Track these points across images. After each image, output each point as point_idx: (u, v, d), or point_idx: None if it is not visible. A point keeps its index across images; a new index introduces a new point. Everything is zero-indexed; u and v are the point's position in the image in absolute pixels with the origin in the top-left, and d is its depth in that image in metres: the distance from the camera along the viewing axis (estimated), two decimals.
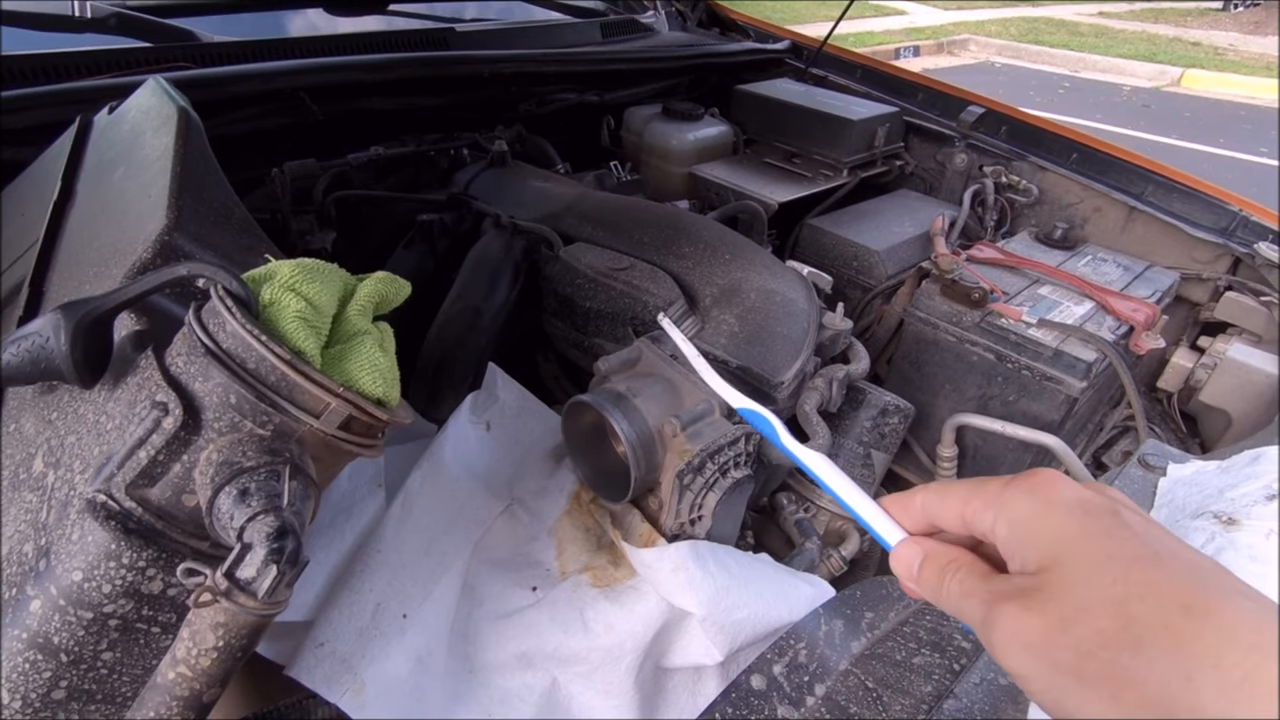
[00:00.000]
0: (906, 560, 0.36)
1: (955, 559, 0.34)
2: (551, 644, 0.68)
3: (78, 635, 0.39)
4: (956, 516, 0.34)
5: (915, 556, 0.35)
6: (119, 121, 0.75)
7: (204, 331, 0.42)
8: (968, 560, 0.34)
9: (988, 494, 0.33)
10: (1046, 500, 0.31)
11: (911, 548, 0.36)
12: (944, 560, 0.34)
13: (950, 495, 0.35)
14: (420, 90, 1.26)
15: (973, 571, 0.33)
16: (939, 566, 0.34)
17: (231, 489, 0.38)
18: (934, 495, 0.36)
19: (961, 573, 0.33)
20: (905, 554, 0.36)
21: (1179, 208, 1.27)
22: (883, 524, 0.37)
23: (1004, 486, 0.32)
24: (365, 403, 0.44)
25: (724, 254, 0.95)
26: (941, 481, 0.35)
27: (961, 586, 0.32)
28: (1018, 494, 0.32)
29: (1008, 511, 0.32)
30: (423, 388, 0.91)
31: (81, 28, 1.05)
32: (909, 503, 0.37)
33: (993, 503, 0.32)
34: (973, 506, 0.33)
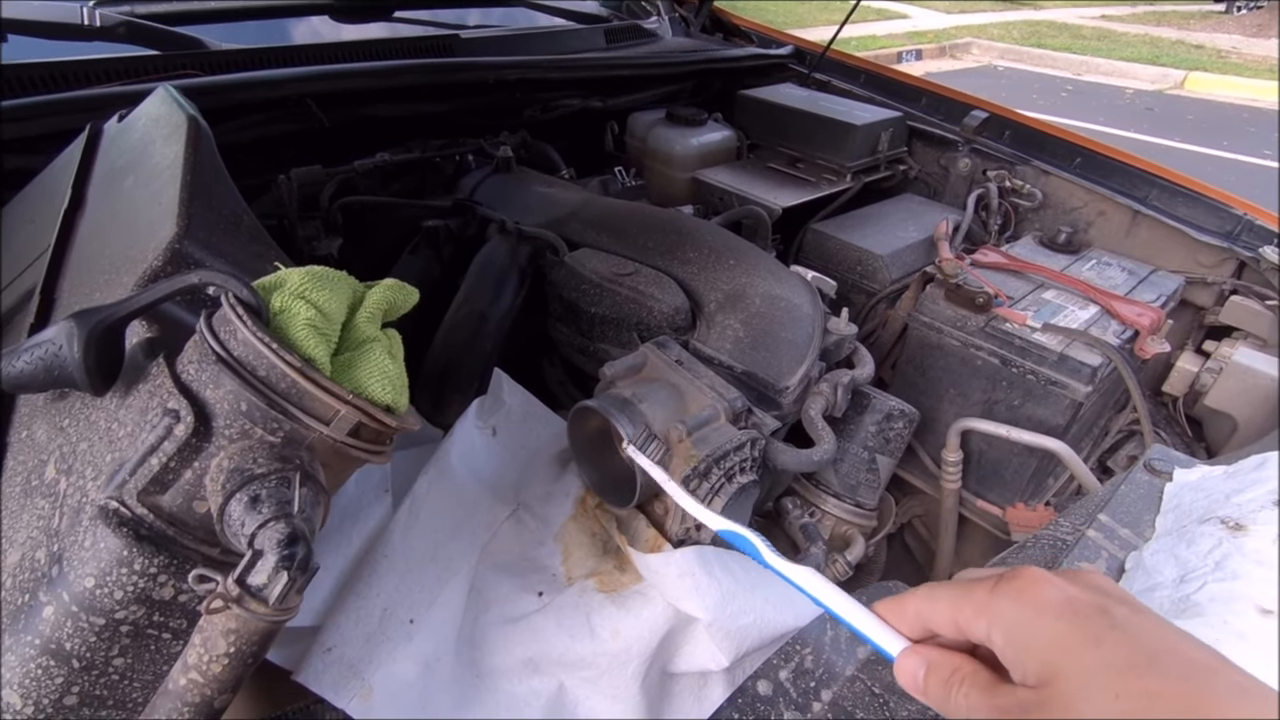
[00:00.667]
0: (910, 671, 0.35)
1: (958, 669, 0.33)
2: (558, 649, 0.68)
3: (90, 641, 0.39)
4: (949, 623, 0.34)
5: (919, 667, 0.35)
6: (129, 130, 0.76)
7: (215, 339, 0.42)
8: (969, 670, 0.33)
9: (976, 601, 0.33)
10: (1035, 606, 0.31)
11: (913, 658, 0.35)
12: (947, 671, 0.34)
13: (940, 601, 0.35)
14: (426, 97, 1.27)
15: (975, 683, 0.33)
16: (942, 678, 0.34)
17: (242, 496, 0.39)
18: (925, 601, 0.35)
19: (965, 685, 0.33)
20: (908, 665, 0.35)
21: (1183, 212, 1.27)
22: (881, 634, 0.37)
23: (991, 593, 0.32)
24: (374, 409, 0.45)
25: (728, 259, 0.95)
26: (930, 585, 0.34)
27: (968, 700, 0.32)
28: (1005, 601, 0.32)
29: (999, 621, 0.32)
30: (429, 393, 0.91)
31: (90, 36, 1.06)
32: (903, 608, 0.36)
33: (983, 610, 0.32)
34: (964, 614, 0.33)
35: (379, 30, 1.38)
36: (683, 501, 0.56)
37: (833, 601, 0.39)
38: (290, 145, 1.14)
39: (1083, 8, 11.19)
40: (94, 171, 0.72)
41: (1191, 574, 0.59)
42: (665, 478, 0.61)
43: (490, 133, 1.36)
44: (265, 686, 0.62)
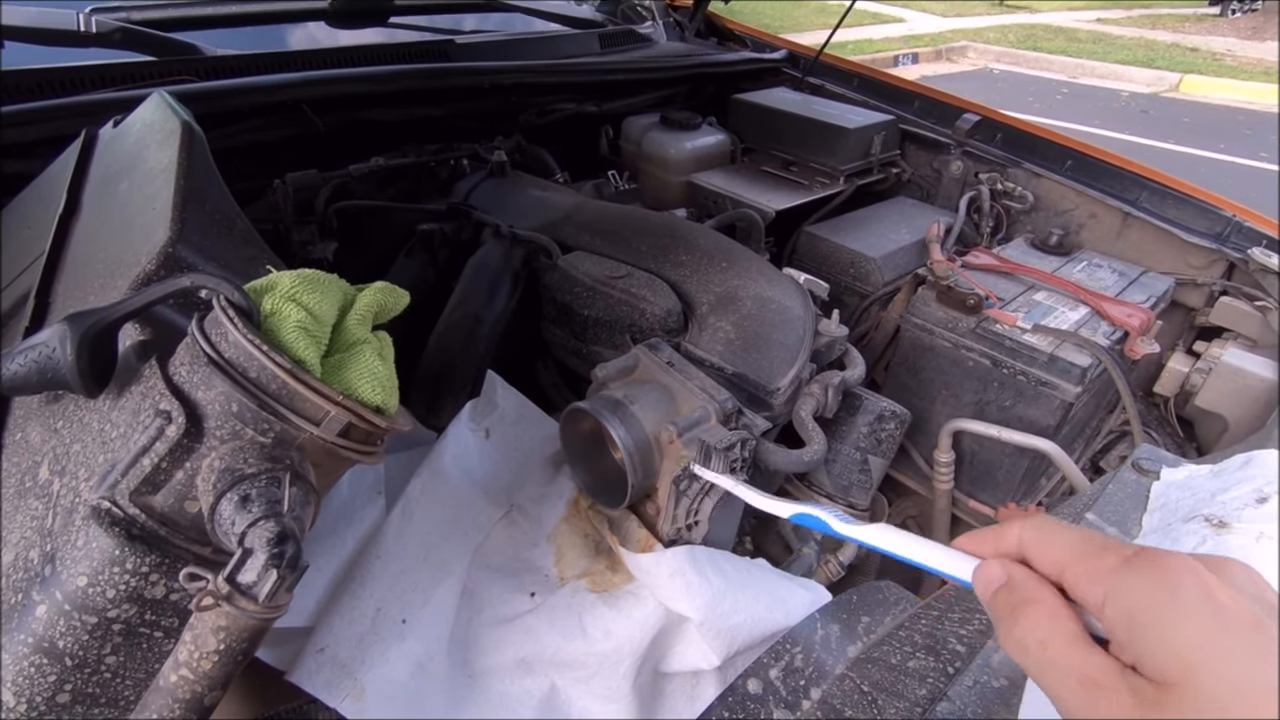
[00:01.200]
0: (986, 579, 0.33)
1: (1042, 601, 0.30)
2: (550, 649, 0.68)
3: (82, 640, 0.39)
4: (1054, 567, 0.31)
5: (996, 580, 0.32)
6: (124, 135, 0.77)
7: (206, 341, 0.42)
8: (1050, 608, 0.30)
9: (1100, 565, 0.29)
10: (1176, 598, 0.27)
11: (996, 569, 0.33)
12: (1021, 598, 0.31)
13: (1053, 544, 0.31)
14: (421, 101, 1.28)
15: (1059, 628, 0.29)
16: (1015, 602, 0.31)
17: (233, 495, 0.39)
18: (1034, 533, 0.32)
19: (1041, 627, 0.30)
20: (989, 573, 0.33)
21: (1173, 213, 1.28)
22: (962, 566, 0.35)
23: (1123, 564, 0.29)
24: (364, 410, 0.45)
25: (720, 261, 0.96)
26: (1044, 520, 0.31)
27: (1044, 650, 0.29)
28: (1140, 580, 0.28)
29: (1125, 596, 0.28)
30: (423, 395, 0.92)
31: (87, 42, 1.06)
32: (1004, 533, 0.33)
33: (1105, 578, 0.29)
34: (1080, 571, 0.30)
35: (375, 36, 1.38)
36: (753, 500, 0.58)
37: (909, 550, 0.37)
38: (286, 150, 1.15)
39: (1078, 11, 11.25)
40: (89, 176, 0.73)
41: None
42: (733, 484, 0.63)
43: (485, 137, 1.37)
44: (258, 686, 0.63)
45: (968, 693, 0.57)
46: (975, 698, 0.57)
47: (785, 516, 0.50)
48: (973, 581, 0.34)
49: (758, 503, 0.57)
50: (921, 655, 0.63)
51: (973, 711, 0.56)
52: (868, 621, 0.71)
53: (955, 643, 0.64)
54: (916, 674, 0.62)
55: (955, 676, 0.60)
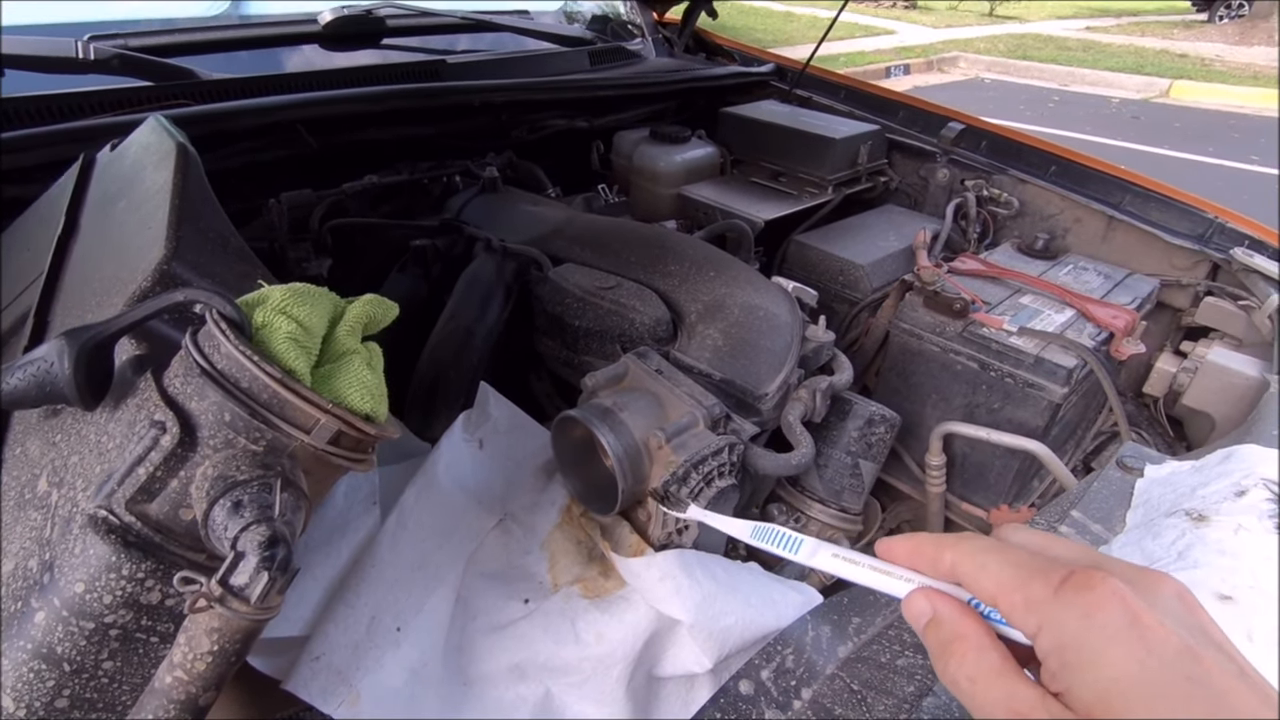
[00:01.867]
0: (914, 614, 0.33)
1: (965, 637, 0.31)
2: (544, 655, 0.69)
3: (80, 645, 0.40)
4: (987, 596, 0.31)
5: (921, 615, 0.33)
6: (120, 158, 0.79)
7: (200, 353, 0.44)
8: (975, 642, 0.30)
9: (1031, 596, 0.29)
10: (1106, 630, 0.27)
11: (922, 603, 0.33)
12: (950, 634, 0.31)
13: (984, 573, 0.31)
14: (413, 120, 1.30)
15: (984, 660, 0.30)
16: (943, 640, 0.31)
17: (226, 501, 0.40)
18: (967, 560, 0.32)
19: (970, 657, 0.30)
20: (915, 606, 0.33)
21: (1156, 216, 1.30)
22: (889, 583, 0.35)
23: (1054, 594, 0.29)
24: (354, 418, 0.47)
25: (709, 271, 0.98)
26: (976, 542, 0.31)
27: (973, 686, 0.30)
28: (1069, 612, 0.28)
29: (1055, 629, 0.28)
30: (417, 408, 0.93)
31: (85, 69, 1.09)
32: (938, 556, 0.33)
33: (1037, 609, 0.29)
34: (1012, 601, 0.30)
35: (368, 57, 1.41)
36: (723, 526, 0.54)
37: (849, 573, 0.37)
38: (281, 170, 1.17)
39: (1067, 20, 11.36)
40: (87, 199, 0.74)
41: (1155, 565, 0.60)
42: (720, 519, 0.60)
43: (477, 154, 1.39)
44: (255, 695, 0.64)
45: None
46: None
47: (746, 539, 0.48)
48: (905, 611, 0.34)
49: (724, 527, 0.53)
50: (910, 653, 0.64)
51: (958, 705, 0.57)
52: (858, 622, 0.72)
53: None
54: (905, 671, 0.62)
55: None
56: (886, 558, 0.36)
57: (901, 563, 0.35)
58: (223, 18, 1.34)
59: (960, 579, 0.33)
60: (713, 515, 0.58)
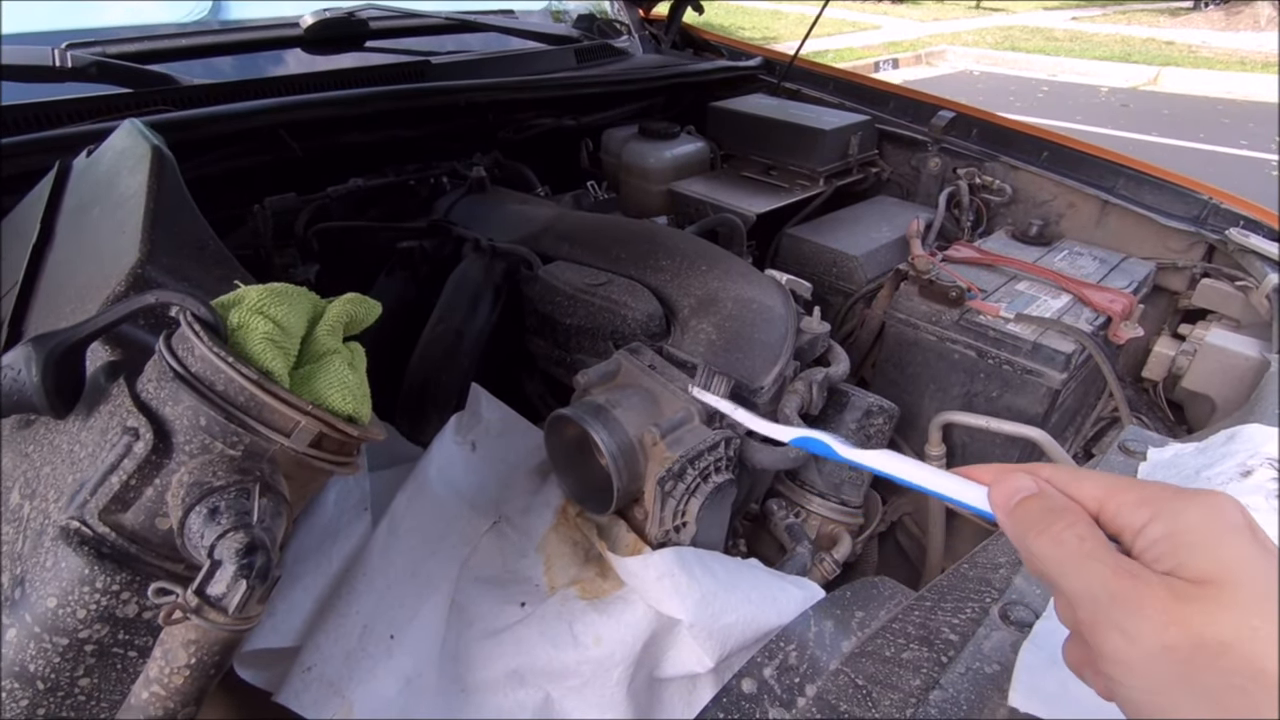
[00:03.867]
0: (1011, 489, 0.33)
1: (1074, 510, 0.31)
2: (542, 659, 0.68)
3: (54, 662, 0.39)
4: (1093, 499, 0.32)
5: (1023, 488, 0.33)
6: (96, 164, 0.77)
7: (173, 356, 0.42)
8: (1087, 519, 0.31)
9: (1148, 493, 0.31)
10: (1225, 521, 0.29)
11: (1024, 479, 0.33)
12: (1060, 504, 0.32)
13: (1089, 480, 0.32)
14: (399, 122, 1.29)
15: (1096, 534, 0.31)
16: (1050, 508, 0.32)
17: (201, 508, 0.39)
18: (1067, 474, 0.33)
19: (1080, 527, 0.31)
20: (1015, 482, 0.33)
21: (1150, 199, 1.29)
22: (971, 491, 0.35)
23: (1175, 494, 0.30)
24: (335, 420, 0.45)
25: (701, 265, 0.96)
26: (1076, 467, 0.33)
27: (1082, 544, 0.30)
28: (1193, 505, 0.30)
29: (1176, 517, 0.29)
30: (408, 411, 0.92)
31: (63, 77, 1.07)
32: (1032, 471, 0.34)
33: (1152, 502, 0.30)
34: (1124, 499, 0.31)
35: (351, 60, 1.39)
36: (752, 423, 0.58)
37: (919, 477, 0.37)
38: (266, 176, 1.15)
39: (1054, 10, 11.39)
40: (63, 206, 0.73)
41: None
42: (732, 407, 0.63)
43: (464, 155, 1.38)
44: (245, 708, 0.62)
45: (960, 680, 0.57)
46: (968, 684, 0.57)
47: (787, 441, 0.50)
48: (995, 491, 0.34)
49: (758, 426, 0.57)
50: (915, 646, 0.63)
51: (965, 697, 0.55)
52: (862, 616, 0.71)
53: (948, 632, 0.63)
54: (910, 665, 0.61)
55: (948, 665, 0.59)
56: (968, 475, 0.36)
57: (985, 481, 0.35)
58: (203, 23, 1.33)
59: (1054, 482, 0.33)
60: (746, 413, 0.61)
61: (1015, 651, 0.58)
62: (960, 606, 0.66)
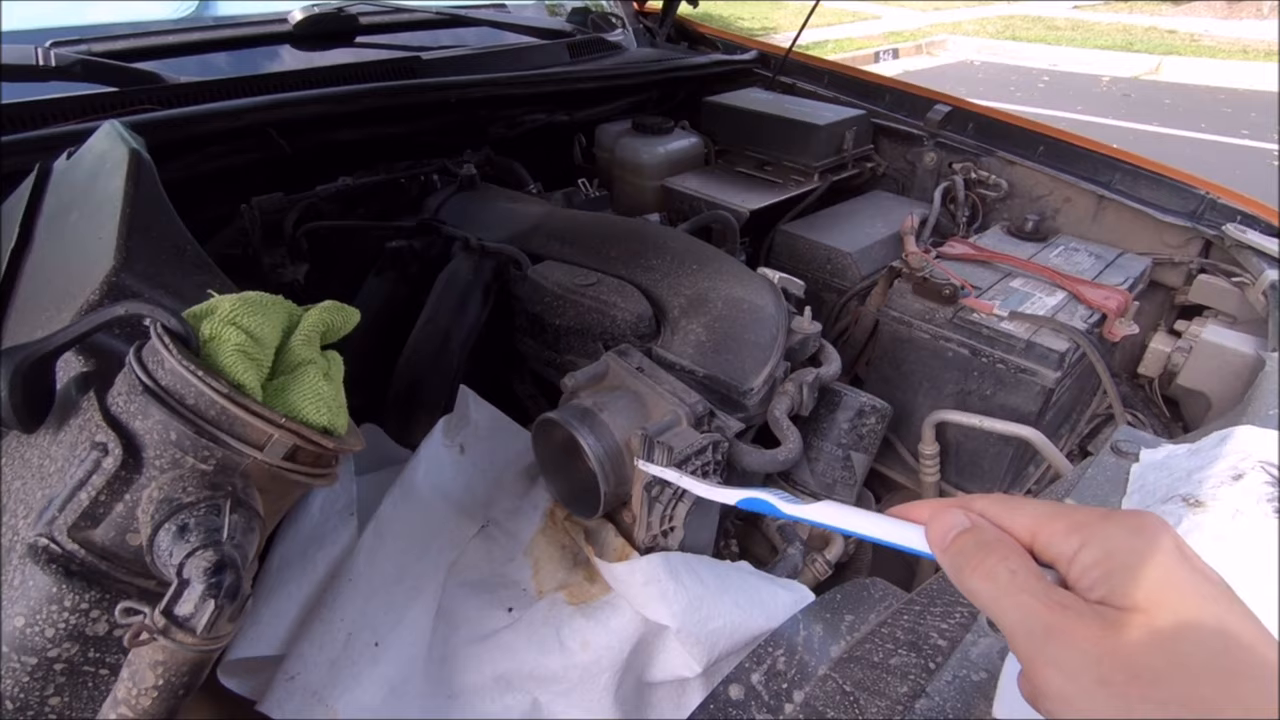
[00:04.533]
0: (946, 526, 0.33)
1: (1007, 543, 0.31)
2: (529, 664, 0.67)
3: (22, 681, 0.38)
4: (1025, 530, 0.32)
5: (957, 525, 0.33)
6: (76, 166, 0.76)
7: (143, 369, 0.42)
8: (1020, 551, 0.31)
9: (1078, 519, 0.31)
10: (1154, 543, 0.29)
11: (956, 515, 0.33)
12: (992, 538, 0.32)
13: (1022, 510, 0.32)
14: (389, 119, 1.27)
15: (1027, 567, 0.30)
16: (983, 542, 0.32)
17: (170, 525, 0.38)
18: (1000, 505, 0.33)
19: (1012, 560, 0.31)
20: (949, 520, 0.33)
21: (1147, 194, 1.28)
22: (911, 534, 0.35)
23: (1102, 517, 0.30)
24: (310, 432, 0.45)
25: (691, 264, 0.96)
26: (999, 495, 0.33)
27: (1014, 578, 0.30)
28: (1121, 529, 0.30)
29: (1105, 542, 0.29)
30: (395, 413, 0.91)
31: (47, 76, 1.06)
32: (963, 505, 0.34)
33: (1081, 528, 0.30)
34: (1054, 527, 0.31)
35: (341, 56, 1.38)
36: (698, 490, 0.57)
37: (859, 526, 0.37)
38: (255, 174, 1.14)
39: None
40: (42, 210, 0.72)
41: None
42: (677, 475, 0.62)
43: (455, 152, 1.36)
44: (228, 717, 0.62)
45: (947, 688, 0.57)
46: (954, 692, 0.56)
47: (732, 504, 0.49)
48: (930, 529, 0.34)
49: (704, 492, 0.56)
50: (903, 652, 0.63)
51: (952, 706, 0.55)
52: (851, 620, 0.70)
53: (937, 637, 0.63)
54: (898, 671, 0.61)
55: (936, 672, 0.59)
56: (906, 516, 0.36)
57: (922, 519, 0.35)
58: (190, 19, 1.31)
59: (987, 516, 0.33)
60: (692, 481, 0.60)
61: (1001, 659, 0.58)
62: (949, 611, 0.66)
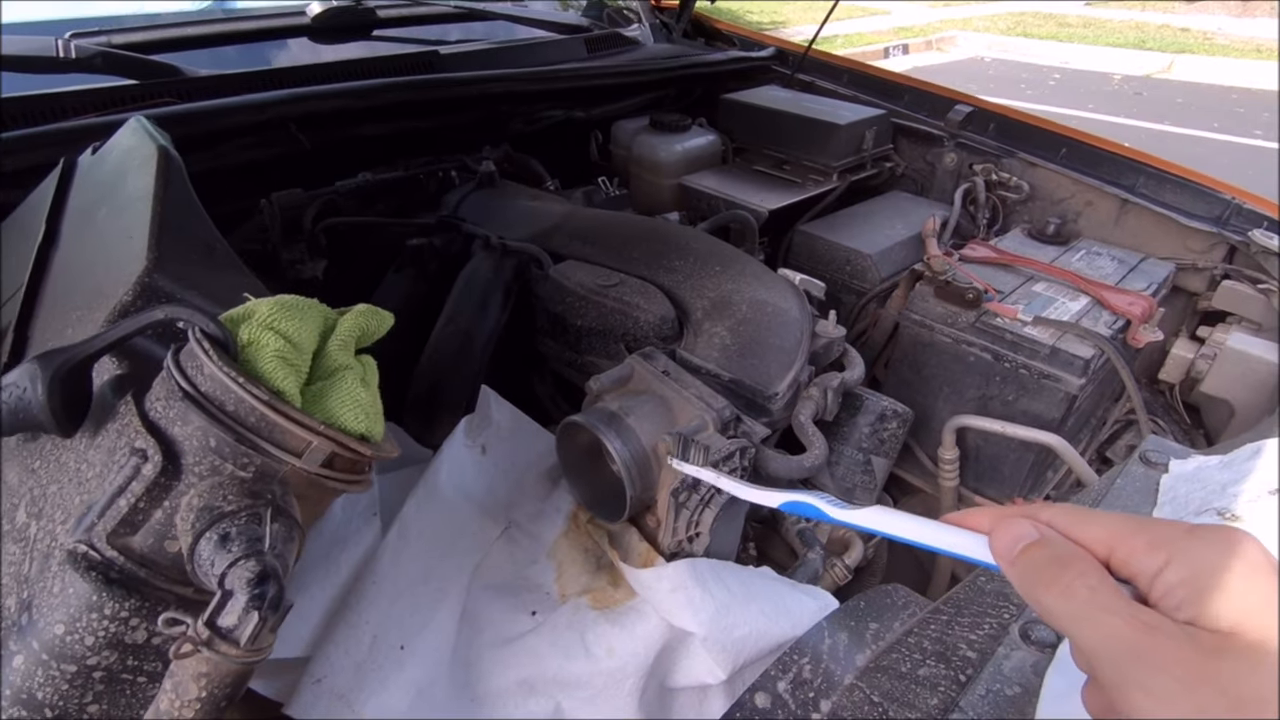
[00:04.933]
0: (1013, 537, 0.31)
1: (1083, 558, 0.30)
2: (553, 669, 0.67)
3: (61, 689, 0.38)
4: (1100, 544, 0.30)
5: (1025, 536, 0.31)
6: (102, 162, 0.75)
7: (182, 375, 0.41)
8: (1097, 566, 0.29)
9: (1160, 534, 0.29)
10: (1248, 561, 0.27)
11: (1024, 525, 0.31)
12: (1066, 552, 0.30)
13: (1095, 523, 0.31)
14: (408, 114, 1.27)
15: (1107, 584, 0.29)
16: (1057, 556, 0.30)
17: (212, 534, 0.38)
18: (1071, 516, 0.31)
19: (1091, 576, 0.29)
20: (1016, 530, 0.31)
21: (1171, 198, 1.27)
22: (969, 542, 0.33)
23: (1187, 532, 0.29)
24: (348, 439, 0.44)
25: (714, 265, 0.95)
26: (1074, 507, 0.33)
27: (1094, 595, 0.28)
28: (1210, 546, 0.28)
29: (1191, 560, 0.28)
30: (417, 413, 0.91)
31: (67, 68, 1.05)
32: (1034, 512, 0.32)
33: (1166, 544, 0.28)
34: (1134, 543, 0.29)
35: (359, 50, 1.37)
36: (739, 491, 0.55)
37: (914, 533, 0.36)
38: (274, 169, 1.14)
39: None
40: (68, 206, 0.71)
41: None
42: (714, 476, 0.60)
43: (474, 148, 1.36)
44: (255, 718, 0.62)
45: (980, 701, 0.56)
46: (988, 706, 0.56)
47: (775, 506, 0.48)
48: (995, 540, 0.32)
49: (744, 494, 0.54)
50: (932, 662, 0.62)
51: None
52: (876, 628, 0.70)
53: (966, 649, 0.62)
54: (927, 682, 0.60)
55: (967, 685, 0.58)
56: (963, 524, 0.35)
57: (978, 527, 0.34)
58: (208, 12, 1.31)
59: (1056, 526, 0.32)
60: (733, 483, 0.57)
61: (1036, 673, 0.57)
62: (978, 622, 0.65)
